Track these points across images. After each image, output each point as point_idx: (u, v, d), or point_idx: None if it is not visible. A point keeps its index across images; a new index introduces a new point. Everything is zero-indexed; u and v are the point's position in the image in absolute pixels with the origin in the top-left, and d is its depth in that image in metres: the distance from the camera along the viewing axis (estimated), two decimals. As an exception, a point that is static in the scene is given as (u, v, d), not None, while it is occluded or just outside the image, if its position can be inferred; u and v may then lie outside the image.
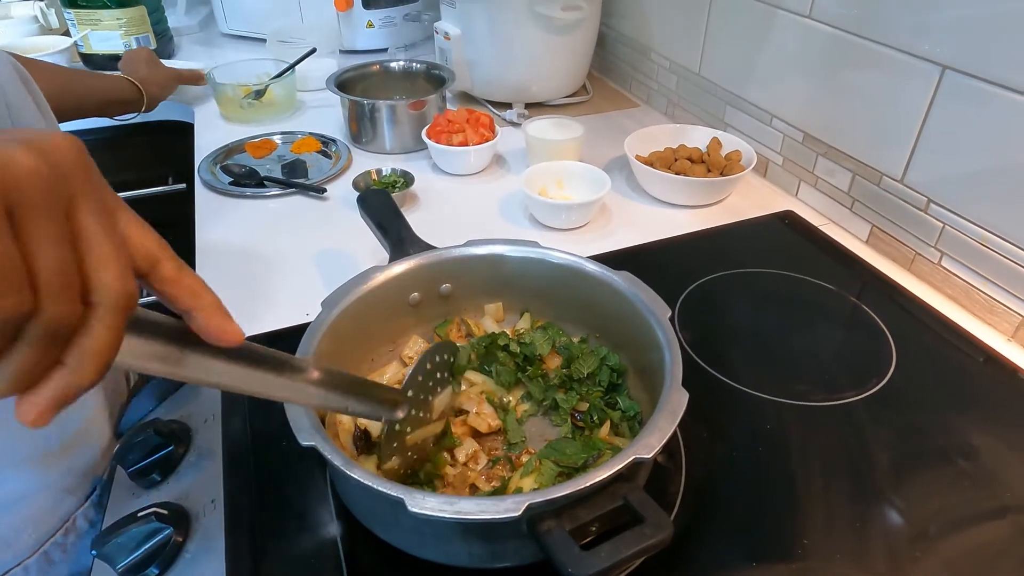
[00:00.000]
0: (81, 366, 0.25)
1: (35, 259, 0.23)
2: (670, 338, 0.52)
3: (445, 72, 1.19)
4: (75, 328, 0.25)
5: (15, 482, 0.54)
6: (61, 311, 0.24)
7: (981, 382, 0.67)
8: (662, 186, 0.96)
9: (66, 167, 0.25)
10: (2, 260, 0.22)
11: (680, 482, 0.56)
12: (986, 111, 0.69)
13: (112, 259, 0.26)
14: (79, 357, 0.25)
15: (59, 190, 0.25)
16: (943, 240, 0.77)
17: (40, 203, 0.24)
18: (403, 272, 0.62)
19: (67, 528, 0.58)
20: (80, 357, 0.25)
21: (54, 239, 0.24)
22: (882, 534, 0.52)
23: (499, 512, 0.39)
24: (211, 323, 0.29)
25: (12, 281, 0.23)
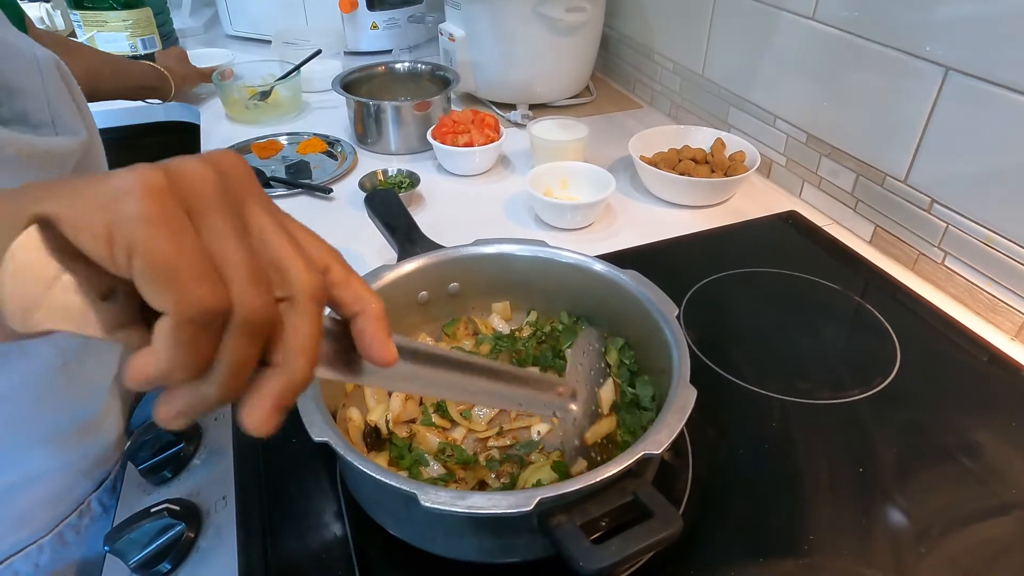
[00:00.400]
0: (293, 362, 0.25)
1: (220, 255, 0.24)
2: (677, 336, 0.53)
3: (450, 73, 1.19)
4: (275, 324, 0.25)
5: (34, 461, 0.55)
6: (256, 304, 0.24)
7: (985, 381, 0.68)
8: (666, 187, 0.96)
9: (234, 173, 0.26)
10: (190, 254, 0.23)
11: (687, 479, 0.56)
12: (989, 112, 0.70)
13: (292, 257, 0.26)
14: (289, 354, 0.25)
15: (231, 192, 0.25)
16: (946, 240, 0.78)
17: (216, 202, 0.24)
18: (412, 271, 0.62)
19: (81, 511, 0.59)
20: (289, 354, 0.25)
21: (235, 234, 0.24)
22: (887, 531, 0.53)
23: (510, 506, 0.40)
24: (369, 330, 0.29)
25: (204, 273, 0.23)
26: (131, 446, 0.57)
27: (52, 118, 0.48)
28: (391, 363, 0.30)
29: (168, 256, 0.22)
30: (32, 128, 0.46)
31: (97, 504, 0.60)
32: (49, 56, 0.50)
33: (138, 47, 1.42)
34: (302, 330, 0.26)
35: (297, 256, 0.26)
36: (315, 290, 0.26)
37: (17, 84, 0.46)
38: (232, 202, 0.25)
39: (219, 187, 0.25)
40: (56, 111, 0.48)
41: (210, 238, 0.24)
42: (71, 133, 0.49)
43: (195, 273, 0.23)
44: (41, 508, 0.57)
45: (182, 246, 0.23)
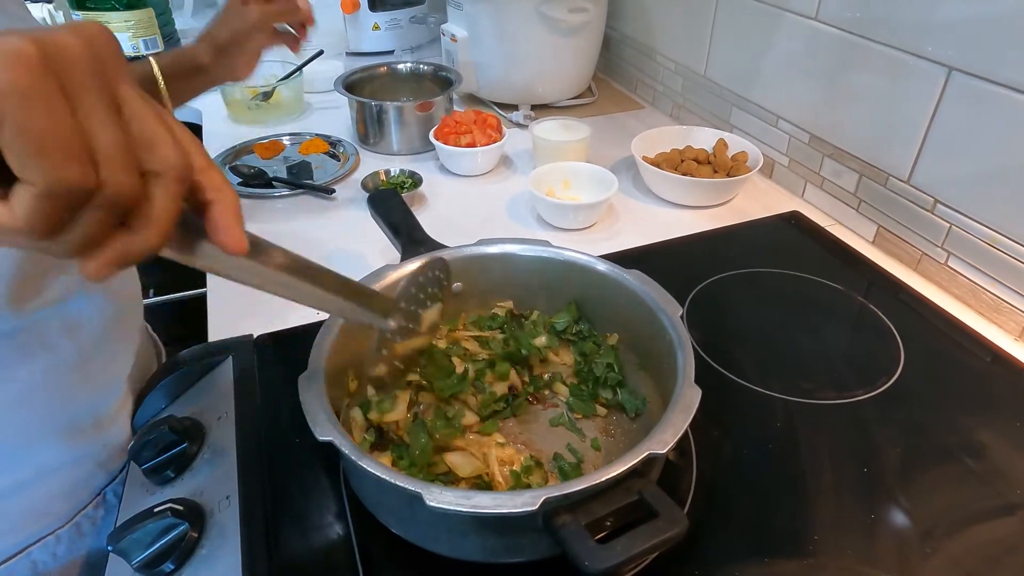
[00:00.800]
0: (145, 231, 0.27)
1: (93, 134, 0.25)
2: (682, 336, 0.53)
3: (452, 74, 1.19)
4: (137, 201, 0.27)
5: (51, 453, 0.56)
6: (123, 182, 0.26)
7: (988, 381, 0.68)
8: (669, 187, 0.96)
9: (106, 49, 0.27)
10: (63, 132, 0.24)
11: (691, 479, 0.56)
12: (993, 112, 0.70)
13: (162, 134, 0.27)
14: (142, 221, 0.27)
15: (104, 71, 0.26)
16: (950, 240, 0.78)
17: (90, 82, 0.25)
18: (415, 270, 0.62)
19: (97, 502, 0.60)
20: (143, 221, 0.27)
21: (108, 115, 0.25)
22: (892, 531, 0.53)
23: (516, 506, 0.40)
24: (222, 220, 0.30)
25: (74, 152, 0.24)
26: (134, 446, 0.57)
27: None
28: (242, 251, 0.31)
29: (40, 130, 0.23)
30: None
31: (112, 496, 0.61)
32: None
33: (140, 48, 1.42)
34: (161, 204, 0.27)
35: (165, 135, 0.27)
36: (181, 170, 0.28)
37: None
38: (105, 78, 0.26)
39: (92, 63, 0.25)
40: None
41: (83, 114, 0.25)
42: None
43: (66, 150, 0.24)
44: (58, 500, 0.58)
45: (55, 122, 0.24)
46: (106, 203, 0.25)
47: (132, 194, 0.26)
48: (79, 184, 0.24)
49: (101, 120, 0.25)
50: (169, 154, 0.27)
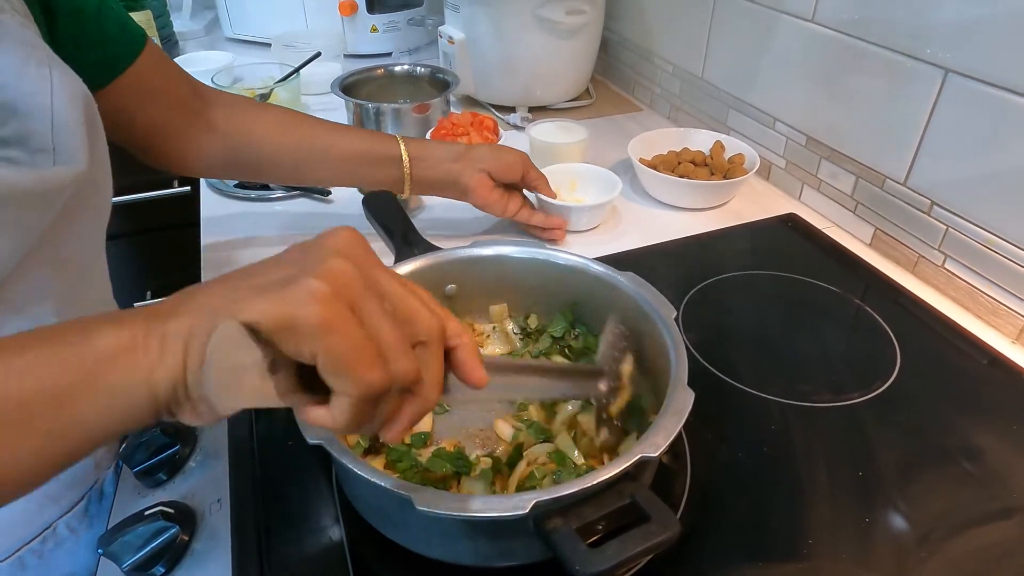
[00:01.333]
0: (428, 392, 0.33)
1: (378, 337, 0.30)
2: (675, 338, 0.53)
3: (449, 76, 1.19)
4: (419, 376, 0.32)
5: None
6: (408, 368, 0.31)
7: (985, 384, 0.67)
8: (665, 189, 0.96)
9: (363, 255, 0.33)
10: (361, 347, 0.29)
11: (685, 482, 0.56)
12: (989, 114, 0.69)
13: (418, 308, 0.33)
14: (424, 387, 0.33)
15: (369, 275, 0.32)
16: (946, 243, 0.78)
17: (364, 292, 0.31)
18: (409, 273, 0.62)
19: (45, 536, 0.57)
20: (425, 387, 0.33)
21: (382, 313, 0.31)
22: (888, 535, 0.52)
23: (506, 510, 0.39)
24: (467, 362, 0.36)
25: (372, 360, 0.30)
26: (126, 448, 0.57)
27: (54, 145, 0.47)
28: (484, 386, 0.36)
29: (345, 351, 0.29)
30: (30, 153, 0.45)
31: (65, 528, 0.58)
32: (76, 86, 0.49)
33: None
34: (434, 368, 0.33)
35: (419, 307, 0.33)
36: (440, 332, 0.34)
37: (22, 106, 0.45)
38: (371, 281, 0.32)
39: (361, 277, 0.31)
40: (61, 139, 0.47)
41: (368, 323, 0.30)
42: (70, 162, 0.47)
43: (366, 361, 0.29)
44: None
45: (353, 340, 0.29)
46: (399, 388, 0.32)
47: (416, 374, 0.32)
48: (381, 386, 0.30)
49: (379, 321, 0.31)
50: (429, 323, 0.33)
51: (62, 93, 0.47)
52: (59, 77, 0.47)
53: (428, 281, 0.63)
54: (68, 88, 0.48)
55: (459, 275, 0.65)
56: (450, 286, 0.65)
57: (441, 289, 0.65)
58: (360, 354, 0.29)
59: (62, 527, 0.58)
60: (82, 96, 0.49)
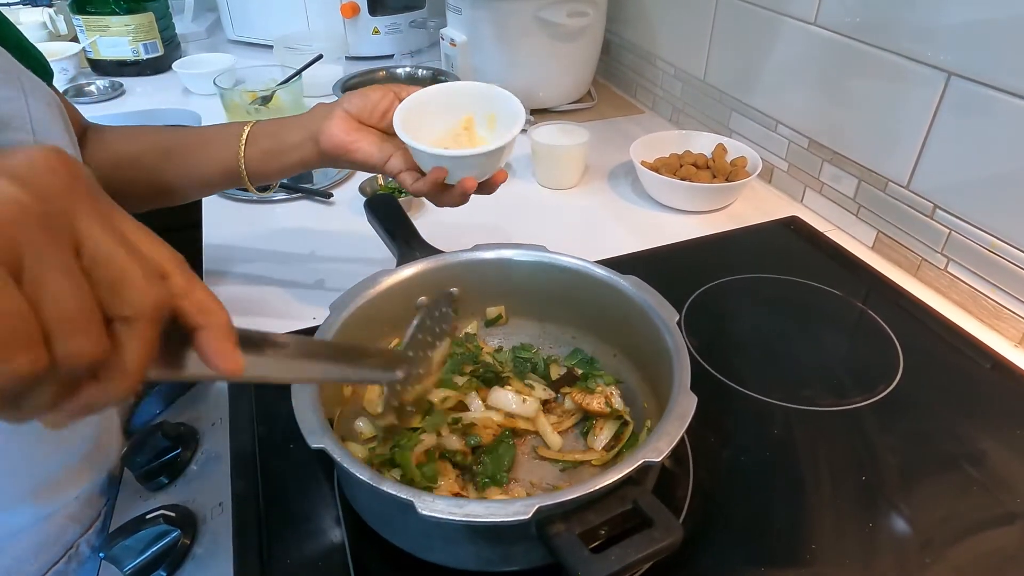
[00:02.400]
0: (116, 381, 0.25)
1: (43, 304, 0.22)
2: (678, 342, 0.53)
3: (451, 78, 1.19)
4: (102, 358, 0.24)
5: (18, 516, 0.53)
6: (80, 351, 0.23)
7: (988, 388, 0.67)
8: (668, 192, 0.96)
9: (58, 188, 0.24)
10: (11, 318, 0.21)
11: (688, 487, 0.56)
12: (992, 117, 0.69)
13: (131, 271, 0.24)
14: (110, 372, 0.24)
15: (57, 217, 0.23)
16: (949, 246, 0.77)
17: (39, 239, 0.22)
18: (411, 276, 0.62)
19: (70, 556, 0.57)
20: (114, 373, 0.24)
21: (63, 272, 0.23)
22: (891, 540, 0.52)
23: (508, 515, 0.39)
24: (213, 345, 0.27)
25: (20, 339, 0.21)
26: (128, 450, 0.56)
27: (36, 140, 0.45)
28: (239, 374, 0.28)
29: None
30: None
31: (86, 546, 0.58)
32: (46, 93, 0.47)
33: (140, 52, 1.42)
34: (132, 353, 0.24)
35: (134, 270, 0.24)
36: (152, 309, 0.25)
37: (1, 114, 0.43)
38: (59, 229, 0.23)
39: (43, 217, 0.22)
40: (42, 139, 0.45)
41: (31, 283, 0.22)
42: None
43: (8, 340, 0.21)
44: (28, 559, 0.54)
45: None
46: (62, 377, 0.23)
47: (93, 358, 0.23)
48: (27, 373, 0.22)
49: (52, 281, 0.22)
50: (138, 295, 0.24)
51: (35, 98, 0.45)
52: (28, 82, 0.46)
53: (430, 284, 0.63)
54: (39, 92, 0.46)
55: (461, 278, 0.64)
56: (452, 289, 0.65)
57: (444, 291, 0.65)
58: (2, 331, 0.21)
59: (84, 546, 0.58)
60: (54, 99, 0.47)
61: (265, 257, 0.87)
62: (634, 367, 0.61)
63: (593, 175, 1.06)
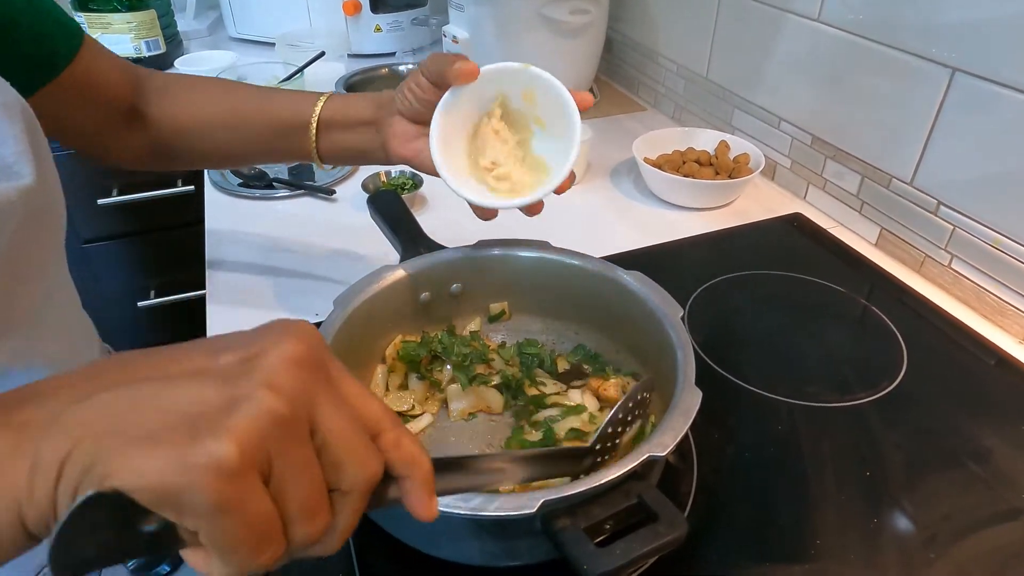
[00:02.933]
0: (330, 541, 0.27)
1: (288, 498, 0.25)
2: (682, 338, 0.52)
3: (453, 75, 1.19)
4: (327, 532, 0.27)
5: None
6: (312, 534, 0.25)
7: (992, 385, 0.67)
8: (670, 188, 0.96)
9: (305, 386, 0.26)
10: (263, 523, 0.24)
11: (692, 482, 0.56)
12: (996, 113, 0.69)
13: (353, 448, 0.27)
14: (329, 534, 0.27)
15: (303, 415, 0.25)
16: (953, 242, 0.77)
17: (288, 443, 0.24)
18: (414, 272, 0.62)
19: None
20: (330, 534, 0.27)
21: (304, 467, 0.25)
22: (895, 536, 0.52)
23: (514, 509, 0.39)
24: (415, 496, 0.30)
25: (270, 536, 0.24)
26: None
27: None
28: (432, 519, 0.30)
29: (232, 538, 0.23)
30: None
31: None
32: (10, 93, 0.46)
33: (142, 49, 1.42)
34: (345, 520, 0.27)
35: (355, 449, 0.27)
36: (367, 484, 0.27)
37: None
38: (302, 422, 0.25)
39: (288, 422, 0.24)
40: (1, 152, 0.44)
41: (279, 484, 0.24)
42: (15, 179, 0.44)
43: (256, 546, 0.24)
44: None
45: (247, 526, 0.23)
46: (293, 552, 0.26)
47: (320, 537, 0.26)
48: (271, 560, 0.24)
49: (295, 480, 0.25)
50: (359, 472, 0.27)
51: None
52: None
53: (433, 280, 0.63)
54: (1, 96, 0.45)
55: (464, 274, 0.64)
56: (455, 285, 0.65)
57: (447, 289, 0.65)
58: (252, 536, 0.24)
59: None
60: (18, 104, 0.46)
61: (268, 253, 0.87)
62: (637, 363, 0.61)
63: (596, 172, 1.06)
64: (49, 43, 0.55)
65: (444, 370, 0.62)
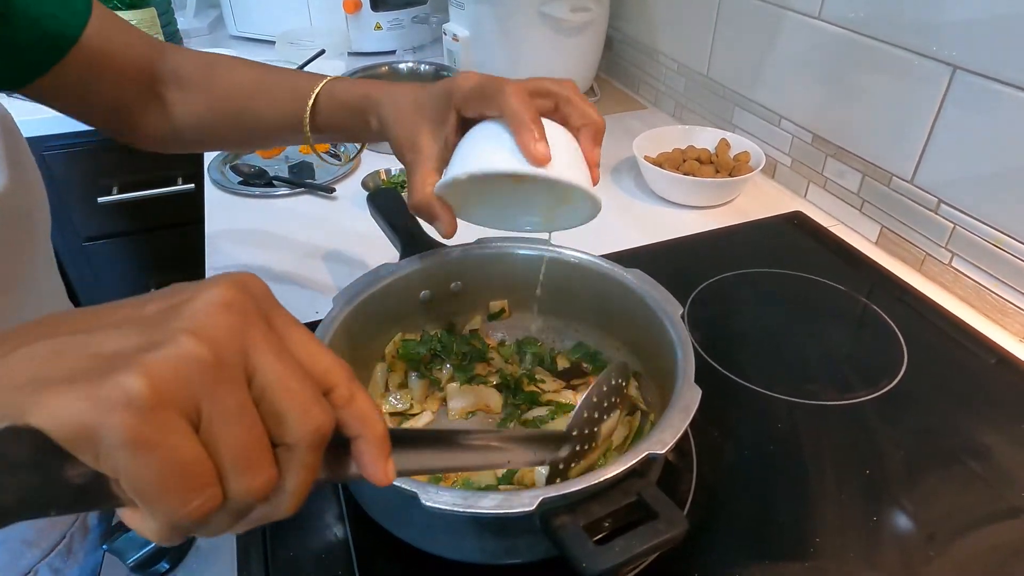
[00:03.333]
0: (281, 503, 0.26)
1: (219, 445, 0.23)
2: (682, 335, 0.52)
3: (453, 73, 1.19)
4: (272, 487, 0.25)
5: None
6: (252, 486, 0.24)
7: (993, 383, 0.67)
8: (671, 186, 0.96)
9: (235, 329, 0.25)
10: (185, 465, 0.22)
11: (691, 480, 0.55)
12: (997, 111, 0.69)
13: (294, 396, 0.25)
14: (278, 494, 0.26)
15: (233, 360, 0.24)
16: (954, 241, 0.77)
17: (216, 388, 0.23)
18: (414, 270, 0.62)
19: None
20: (279, 495, 0.26)
21: (237, 413, 0.24)
22: (895, 534, 0.52)
23: (513, 507, 0.39)
24: (368, 456, 0.28)
25: (197, 482, 0.23)
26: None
27: None
28: (388, 483, 0.29)
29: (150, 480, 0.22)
30: None
31: (48, 570, 0.56)
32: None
33: (142, 47, 1.41)
34: (295, 477, 0.26)
35: (300, 399, 0.25)
36: (315, 438, 0.26)
37: None
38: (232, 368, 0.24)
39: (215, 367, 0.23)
40: None
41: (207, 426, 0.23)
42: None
43: (179, 491, 0.22)
44: None
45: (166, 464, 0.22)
46: (235, 509, 0.24)
47: (263, 491, 0.25)
48: (199, 514, 0.23)
49: (225, 425, 0.23)
50: (301, 424, 0.25)
51: None
52: None
53: (433, 279, 0.63)
54: None
55: (464, 272, 0.64)
56: (455, 283, 0.65)
57: (446, 286, 0.64)
58: (175, 480, 0.22)
59: (44, 570, 0.56)
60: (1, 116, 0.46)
61: (267, 251, 0.87)
62: (637, 361, 0.61)
63: (596, 170, 1.06)
64: (52, 22, 0.53)
65: (444, 368, 0.62)
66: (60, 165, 1.36)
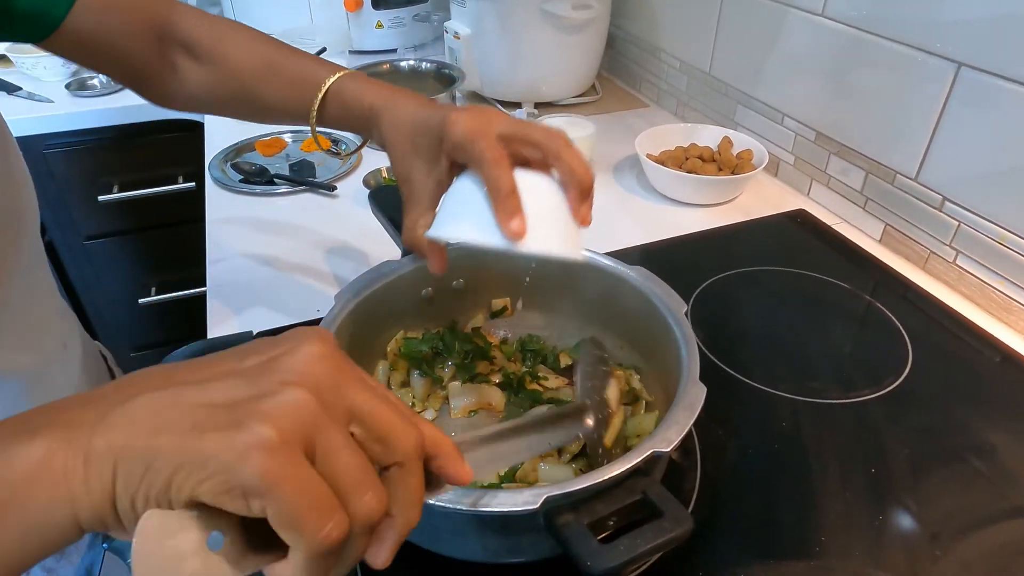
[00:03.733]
0: (408, 512, 0.29)
1: (336, 475, 0.26)
2: (686, 333, 0.52)
3: (455, 72, 1.19)
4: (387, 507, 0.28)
5: None
6: (371, 505, 0.27)
7: (998, 381, 0.67)
8: (673, 184, 0.95)
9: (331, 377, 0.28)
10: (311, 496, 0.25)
11: (695, 479, 0.55)
12: (1002, 108, 0.69)
13: (391, 420, 0.29)
14: (404, 507, 0.29)
15: (334, 401, 0.28)
16: (958, 238, 0.77)
17: (324, 425, 0.27)
18: (416, 267, 0.61)
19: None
20: (404, 507, 0.29)
21: (343, 446, 0.27)
22: (899, 533, 0.52)
23: (516, 505, 0.39)
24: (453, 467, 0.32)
25: (324, 508, 0.25)
26: None
27: None
28: (470, 480, 0.33)
29: (291, 507, 0.25)
30: None
31: (40, 570, 0.55)
32: None
33: (143, 45, 1.41)
34: (412, 487, 0.29)
35: (395, 422, 0.29)
36: (417, 449, 0.30)
37: None
38: (336, 409, 0.28)
39: (323, 406, 0.27)
40: None
41: (325, 459, 0.26)
42: None
43: (316, 514, 0.25)
44: None
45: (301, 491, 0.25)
46: (363, 528, 0.27)
47: (381, 509, 0.27)
48: (335, 538, 0.26)
49: (339, 454, 0.27)
50: (403, 442, 0.29)
51: None
52: None
53: (435, 276, 0.62)
54: None
55: (466, 270, 0.64)
56: (457, 280, 0.64)
57: (448, 284, 0.64)
58: (311, 504, 0.25)
59: (37, 570, 0.55)
60: None
61: (269, 249, 0.87)
62: (640, 358, 0.61)
63: (598, 168, 1.06)
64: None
65: (446, 367, 0.62)
66: (60, 163, 1.36)
